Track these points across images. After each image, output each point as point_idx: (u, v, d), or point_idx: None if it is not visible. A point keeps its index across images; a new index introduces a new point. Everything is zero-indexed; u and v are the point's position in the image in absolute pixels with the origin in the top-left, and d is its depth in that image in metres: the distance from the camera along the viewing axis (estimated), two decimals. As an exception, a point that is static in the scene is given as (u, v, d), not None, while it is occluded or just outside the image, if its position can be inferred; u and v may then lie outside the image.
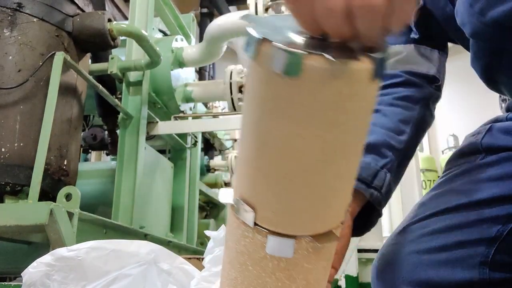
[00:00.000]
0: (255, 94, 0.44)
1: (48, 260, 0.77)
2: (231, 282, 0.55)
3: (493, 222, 0.68)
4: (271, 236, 0.48)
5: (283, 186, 0.45)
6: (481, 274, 0.67)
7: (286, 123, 0.42)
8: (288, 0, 0.43)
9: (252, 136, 0.46)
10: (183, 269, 0.81)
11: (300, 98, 0.41)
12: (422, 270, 0.72)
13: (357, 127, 0.45)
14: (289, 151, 0.43)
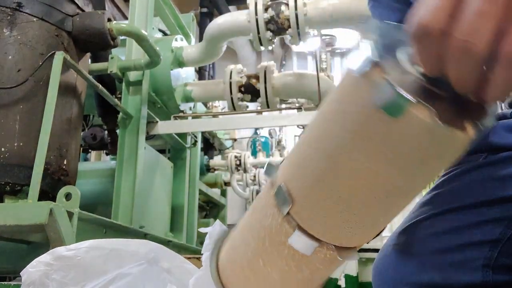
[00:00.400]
0: (343, 111, 0.43)
1: (47, 259, 0.77)
2: (243, 244, 0.56)
3: (496, 223, 0.67)
4: (298, 232, 0.48)
5: (332, 203, 0.46)
6: (484, 277, 0.67)
7: (363, 151, 0.42)
8: (414, 37, 0.40)
9: (323, 149, 0.45)
10: (183, 268, 0.81)
11: (388, 136, 0.40)
12: (424, 272, 0.71)
13: (426, 180, 0.45)
14: (354, 178, 0.44)
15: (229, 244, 0.62)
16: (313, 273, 0.53)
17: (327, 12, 2.87)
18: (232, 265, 0.60)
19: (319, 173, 0.46)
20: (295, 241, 0.49)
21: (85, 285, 0.76)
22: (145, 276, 0.78)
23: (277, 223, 0.50)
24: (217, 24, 3.07)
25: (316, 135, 0.47)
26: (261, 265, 0.54)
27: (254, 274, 0.56)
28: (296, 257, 0.50)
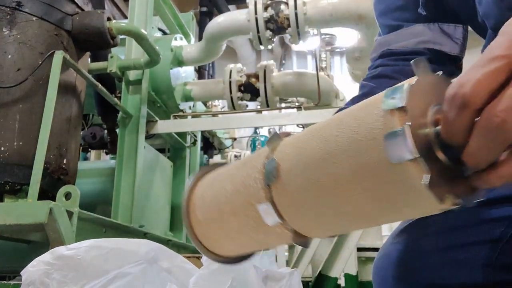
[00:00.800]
0: (356, 132, 0.46)
1: (48, 259, 0.77)
2: (221, 188, 0.63)
3: (497, 223, 0.67)
4: (270, 205, 0.54)
5: (309, 199, 0.51)
6: (485, 276, 0.66)
7: (355, 176, 0.46)
8: (450, 104, 0.42)
9: (323, 152, 0.49)
10: (183, 268, 0.81)
11: (381, 173, 0.43)
12: (425, 271, 0.71)
13: (390, 218, 0.50)
14: (335, 192, 0.49)
15: (209, 182, 0.67)
16: (265, 239, 0.60)
17: (326, 11, 2.86)
18: (202, 201, 0.66)
19: (309, 172, 0.50)
20: (263, 210, 0.55)
21: (85, 284, 0.76)
22: (145, 276, 0.78)
23: (257, 187, 0.56)
24: (217, 23, 3.07)
25: (325, 135, 0.49)
26: (227, 211, 0.61)
27: (219, 215, 0.62)
28: (258, 221, 0.56)
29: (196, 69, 3.91)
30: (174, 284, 0.77)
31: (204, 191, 0.67)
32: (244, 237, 0.62)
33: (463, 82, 0.41)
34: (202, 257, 0.70)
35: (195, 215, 0.67)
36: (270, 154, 0.57)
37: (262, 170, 0.56)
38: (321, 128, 0.52)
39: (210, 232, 0.66)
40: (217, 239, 0.66)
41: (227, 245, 0.66)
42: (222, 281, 0.68)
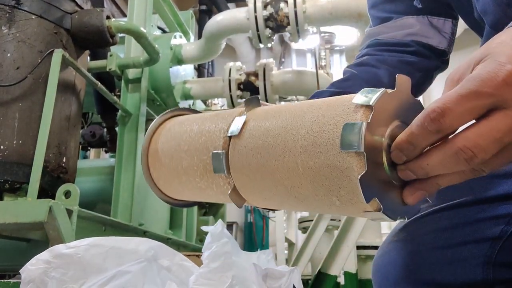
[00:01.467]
0: (319, 117, 0.50)
1: (47, 257, 0.77)
2: (186, 130, 0.67)
3: (497, 220, 0.67)
4: (224, 155, 0.59)
5: (256, 166, 0.56)
6: (484, 274, 0.66)
7: (303, 162, 0.50)
8: (426, 118, 0.43)
9: (283, 130, 0.53)
10: (183, 266, 0.81)
11: (325, 162, 0.48)
12: (425, 269, 0.71)
13: (331, 209, 0.54)
14: (282, 174, 0.53)
15: (180, 120, 0.72)
16: (207, 187, 0.64)
17: (326, 9, 2.86)
18: (167, 135, 0.70)
19: (268, 136, 0.55)
20: (215, 158, 0.59)
21: (85, 282, 0.76)
22: (144, 274, 0.78)
23: (219, 136, 0.61)
24: (216, 21, 3.06)
25: (296, 110, 0.54)
26: (184, 149, 0.65)
27: (176, 150, 0.67)
28: (207, 167, 0.61)
29: (196, 68, 3.91)
30: (174, 283, 0.77)
31: (173, 126, 0.71)
32: (190, 181, 0.65)
33: (442, 108, 0.42)
34: (202, 255, 0.71)
35: (154, 148, 0.71)
36: (245, 111, 0.61)
37: (230, 123, 0.60)
38: (296, 105, 0.56)
39: (163, 169, 0.70)
40: (168, 179, 0.70)
41: (176, 187, 0.70)
42: (222, 279, 0.68)
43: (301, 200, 0.53)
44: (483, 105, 0.40)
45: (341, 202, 0.48)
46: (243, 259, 0.74)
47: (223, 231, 0.72)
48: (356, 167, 0.44)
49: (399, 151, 0.46)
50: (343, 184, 0.46)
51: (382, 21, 0.97)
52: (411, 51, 0.91)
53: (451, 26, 0.93)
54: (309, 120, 0.50)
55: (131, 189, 2.41)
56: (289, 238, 5.77)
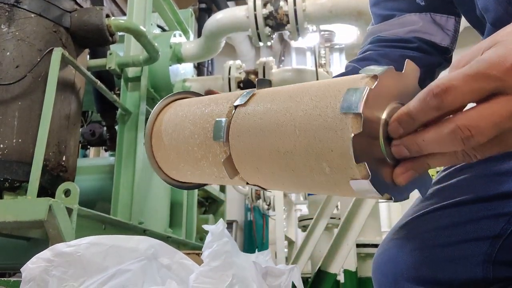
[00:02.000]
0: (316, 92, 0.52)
1: (47, 256, 0.77)
2: (191, 110, 0.68)
3: (497, 219, 0.67)
4: (226, 126, 0.59)
5: (256, 142, 0.56)
6: (484, 272, 0.66)
7: (301, 127, 0.51)
8: (430, 93, 0.43)
9: (282, 112, 0.54)
10: (183, 264, 0.81)
11: (322, 124, 0.48)
12: (425, 267, 0.71)
13: (323, 180, 0.53)
14: (280, 140, 0.53)
15: (180, 108, 0.72)
16: (201, 158, 0.65)
17: (326, 7, 2.86)
18: (168, 122, 0.71)
19: (272, 105, 0.55)
20: (217, 124, 0.60)
21: (85, 281, 0.76)
22: (144, 272, 0.78)
23: (226, 106, 0.62)
24: (216, 20, 3.06)
25: (305, 83, 0.56)
26: (188, 119, 0.66)
27: (182, 119, 0.68)
28: (207, 135, 0.62)
29: (195, 66, 3.91)
30: (174, 281, 0.77)
31: (179, 106, 0.72)
32: (188, 150, 0.66)
33: (447, 84, 0.41)
34: (203, 254, 0.71)
35: (158, 128, 0.72)
36: (255, 90, 0.63)
37: (239, 95, 0.62)
38: (305, 82, 0.58)
39: (164, 146, 0.71)
40: (167, 153, 0.71)
41: (174, 161, 0.71)
42: (223, 278, 0.68)
43: (292, 169, 0.53)
44: (488, 87, 0.40)
45: (330, 169, 0.48)
46: (242, 260, 0.74)
47: (224, 231, 0.72)
48: (352, 128, 0.44)
49: (397, 123, 0.45)
50: (335, 146, 0.46)
51: (384, 19, 0.96)
52: (414, 47, 0.91)
53: (454, 23, 0.93)
54: (315, 89, 0.52)
55: (130, 187, 2.41)
56: (289, 236, 5.78)
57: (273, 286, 0.78)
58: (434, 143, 0.43)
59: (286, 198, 5.46)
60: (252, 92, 0.61)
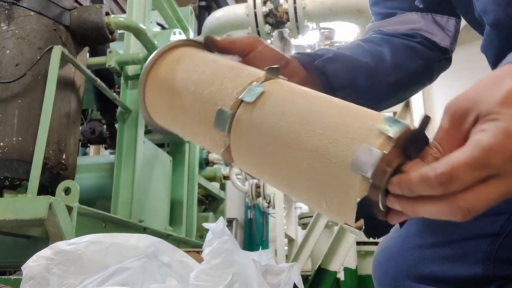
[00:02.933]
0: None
1: (48, 254, 0.77)
2: (196, 70, 0.65)
3: (497, 217, 0.67)
4: (225, 113, 0.58)
5: (258, 151, 0.56)
6: (484, 270, 0.67)
7: (309, 160, 0.51)
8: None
9: (293, 133, 0.53)
10: (183, 262, 0.81)
11: (329, 169, 0.49)
12: (425, 265, 0.71)
13: (319, 209, 0.54)
14: (284, 161, 0.53)
15: (190, 54, 0.69)
16: (200, 134, 0.64)
17: (326, 5, 2.86)
18: (174, 66, 0.68)
19: (281, 119, 0.54)
20: (221, 115, 0.58)
21: (86, 279, 0.76)
22: (145, 270, 0.78)
23: (230, 95, 0.59)
24: (216, 17, 3.06)
25: (316, 104, 0.54)
26: (191, 90, 0.63)
27: (180, 88, 0.65)
28: (208, 118, 0.60)
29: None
30: (174, 279, 0.77)
31: (183, 58, 0.69)
32: (186, 121, 0.65)
33: (451, 174, 0.43)
34: (203, 252, 0.71)
35: (156, 75, 0.69)
36: (263, 79, 0.60)
37: (246, 86, 0.59)
38: (316, 96, 0.56)
39: (160, 97, 0.68)
40: (162, 108, 0.69)
41: (167, 118, 0.69)
42: (223, 276, 0.68)
43: (291, 189, 0.54)
44: (487, 174, 0.43)
45: (328, 208, 0.50)
46: (242, 258, 0.74)
47: (224, 229, 0.72)
48: (359, 189, 0.45)
49: (397, 187, 0.47)
50: (339, 196, 0.47)
51: (385, 17, 0.96)
52: (416, 41, 0.91)
53: (455, 25, 0.92)
54: (328, 122, 0.50)
55: (131, 185, 2.41)
56: (289, 234, 5.78)
57: (273, 284, 0.78)
58: (431, 214, 0.46)
59: (286, 196, 5.46)
60: (262, 90, 0.58)
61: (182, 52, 0.70)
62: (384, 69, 0.85)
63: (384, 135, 0.46)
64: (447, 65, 0.96)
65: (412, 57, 0.88)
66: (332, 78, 0.79)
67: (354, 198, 0.45)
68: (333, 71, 0.79)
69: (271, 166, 0.55)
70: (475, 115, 0.45)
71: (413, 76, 0.89)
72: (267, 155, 0.54)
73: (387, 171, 0.47)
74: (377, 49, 0.87)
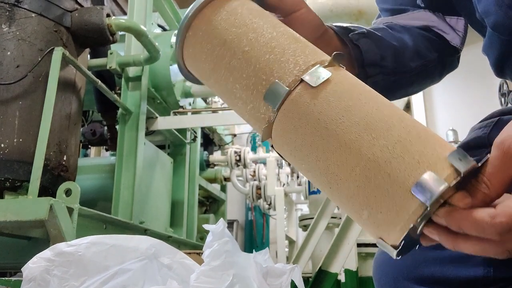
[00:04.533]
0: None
1: (48, 255, 0.77)
2: (248, 33, 0.59)
3: None
4: (280, 90, 0.54)
5: (303, 144, 0.53)
6: (485, 272, 0.66)
7: (362, 168, 0.49)
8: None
9: (355, 133, 0.50)
10: (184, 264, 0.81)
11: (386, 182, 0.47)
12: (426, 267, 0.71)
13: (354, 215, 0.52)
14: (333, 162, 0.50)
15: (242, 11, 0.62)
16: (239, 98, 0.58)
17: (326, 6, 2.86)
18: (220, 22, 0.61)
19: (339, 123, 0.50)
20: (275, 89, 0.54)
21: (86, 280, 0.76)
22: (145, 272, 0.78)
23: (292, 70, 0.54)
24: (216, 19, 3.06)
25: (385, 114, 0.50)
26: (242, 48, 0.58)
27: (229, 52, 0.59)
28: (258, 86, 0.55)
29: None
30: (174, 280, 0.77)
31: (241, 7, 0.62)
32: (229, 81, 0.59)
33: (510, 224, 0.43)
34: (204, 254, 0.71)
35: (205, 18, 0.62)
36: (329, 65, 0.55)
37: (310, 66, 0.54)
38: (385, 104, 0.52)
39: (203, 48, 0.62)
40: (203, 61, 0.62)
41: (206, 72, 0.63)
42: (223, 277, 0.68)
43: (332, 189, 0.51)
44: None
45: (368, 219, 0.48)
46: (243, 259, 0.74)
47: (225, 230, 0.72)
48: (413, 214, 0.44)
49: (443, 220, 0.46)
50: (386, 213, 0.46)
51: (395, 13, 0.95)
52: (431, 34, 0.91)
53: (464, 25, 0.92)
54: (395, 136, 0.48)
55: (131, 187, 2.41)
56: (290, 236, 5.77)
57: (273, 286, 0.78)
58: (473, 251, 0.45)
59: (287, 198, 5.45)
60: (328, 76, 0.53)
61: (239, 1, 0.63)
62: (407, 54, 0.85)
63: (452, 168, 0.44)
64: (456, 64, 0.96)
65: (429, 48, 0.89)
66: (365, 53, 0.79)
67: (404, 221, 0.44)
68: (366, 46, 0.80)
69: (317, 161, 0.51)
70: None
71: (429, 67, 0.89)
72: (317, 148, 0.51)
73: (439, 201, 0.45)
74: (399, 35, 0.87)
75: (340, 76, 0.54)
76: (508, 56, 0.72)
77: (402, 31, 0.89)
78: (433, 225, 0.46)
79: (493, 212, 0.43)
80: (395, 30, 0.89)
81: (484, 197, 0.45)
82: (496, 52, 0.74)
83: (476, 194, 0.45)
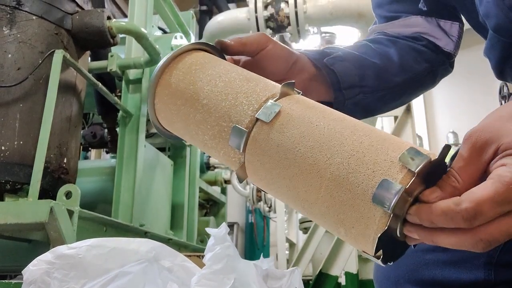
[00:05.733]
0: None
1: (49, 258, 0.77)
2: (209, 80, 0.63)
3: None
4: (241, 131, 0.57)
5: (275, 173, 0.55)
6: (486, 275, 0.66)
7: (327, 188, 0.50)
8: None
9: (311, 158, 0.51)
10: (184, 267, 0.81)
11: (350, 199, 0.48)
12: (427, 269, 0.71)
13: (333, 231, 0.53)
14: (301, 185, 0.52)
15: (195, 68, 0.66)
16: (213, 148, 0.61)
17: (326, 9, 2.86)
18: (185, 74, 0.65)
19: (300, 142, 0.52)
20: (236, 133, 0.56)
21: (86, 283, 0.76)
22: (146, 275, 0.78)
23: (246, 112, 0.57)
24: (217, 22, 3.07)
25: (336, 129, 0.52)
26: (204, 103, 0.61)
27: (192, 101, 0.62)
28: (222, 134, 0.58)
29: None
30: (175, 283, 0.77)
31: (195, 65, 0.66)
32: (198, 134, 0.62)
33: (476, 210, 0.43)
34: (205, 257, 0.70)
35: (166, 82, 0.66)
36: (280, 97, 0.58)
37: (262, 103, 0.57)
38: (336, 119, 0.53)
39: (171, 107, 0.65)
40: (173, 119, 0.66)
41: (178, 128, 0.66)
42: (224, 281, 0.68)
43: (308, 212, 0.53)
44: (510, 208, 0.43)
45: (346, 235, 0.49)
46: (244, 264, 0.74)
47: (226, 235, 0.72)
48: (379, 222, 0.45)
49: (417, 219, 0.46)
50: (357, 227, 0.47)
51: (389, 20, 0.96)
52: (421, 43, 0.91)
53: (458, 30, 0.93)
54: (348, 151, 0.49)
55: (132, 189, 2.41)
56: (290, 238, 5.77)
57: (274, 289, 0.78)
58: (451, 244, 0.45)
59: (287, 200, 5.45)
60: (278, 109, 0.55)
61: (192, 58, 0.68)
62: (391, 70, 0.85)
63: (406, 169, 0.45)
64: (450, 69, 0.96)
65: (418, 60, 0.89)
66: (341, 77, 0.79)
67: (374, 231, 0.45)
68: (342, 69, 0.79)
69: (287, 189, 0.53)
70: (495, 147, 0.45)
71: (418, 79, 0.90)
72: (283, 178, 0.53)
73: (408, 201, 0.46)
74: (384, 50, 0.87)
75: (291, 105, 0.56)
76: (509, 59, 0.72)
77: (389, 44, 0.89)
78: (410, 224, 0.47)
79: (458, 199, 0.44)
80: (381, 44, 0.89)
81: (454, 191, 0.45)
82: (497, 54, 0.74)
83: (446, 188, 0.46)
